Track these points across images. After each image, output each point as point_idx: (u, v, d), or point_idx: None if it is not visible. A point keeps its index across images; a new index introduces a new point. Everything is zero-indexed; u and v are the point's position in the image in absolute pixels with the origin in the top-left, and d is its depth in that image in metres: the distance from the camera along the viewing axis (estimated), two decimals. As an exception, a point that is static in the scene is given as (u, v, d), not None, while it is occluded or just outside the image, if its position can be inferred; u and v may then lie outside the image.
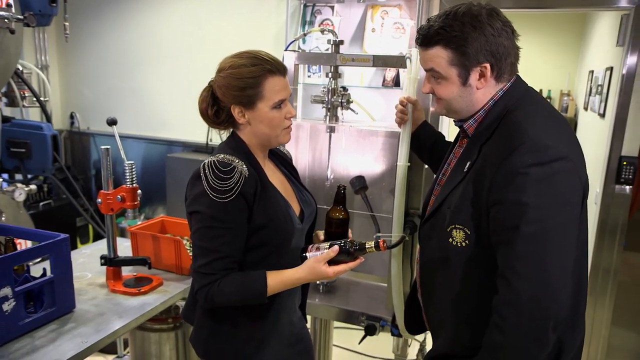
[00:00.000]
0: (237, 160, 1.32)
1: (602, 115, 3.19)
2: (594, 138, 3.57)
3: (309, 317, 2.32)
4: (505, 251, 1.14)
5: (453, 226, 1.26)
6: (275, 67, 1.35)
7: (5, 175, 2.90)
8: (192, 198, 1.31)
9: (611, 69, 3.08)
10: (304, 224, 1.50)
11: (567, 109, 4.57)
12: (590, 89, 3.78)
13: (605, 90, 3.17)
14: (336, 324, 2.39)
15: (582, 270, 1.29)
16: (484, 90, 1.27)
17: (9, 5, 2.24)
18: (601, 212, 2.91)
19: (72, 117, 4.07)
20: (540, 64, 4.84)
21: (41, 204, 3.36)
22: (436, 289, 1.38)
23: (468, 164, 1.27)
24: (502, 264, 1.15)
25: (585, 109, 3.99)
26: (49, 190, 3.51)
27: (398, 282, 1.88)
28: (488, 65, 1.23)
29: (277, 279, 1.33)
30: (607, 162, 2.82)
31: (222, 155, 1.32)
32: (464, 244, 1.25)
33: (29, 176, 3.09)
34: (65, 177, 3.22)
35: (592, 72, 3.82)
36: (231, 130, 1.44)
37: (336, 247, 1.32)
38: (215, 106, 1.39)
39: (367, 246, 1.32)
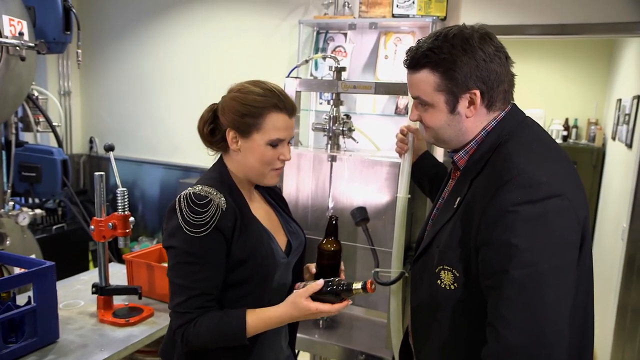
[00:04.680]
0: (215, 193, 1.26)
1: (630, 146, 3.03)
2: (621, 169, 3.39)
3: (307, 355, 2.21)
4: (495, 297, 1.04)
5: (441, 267, 1.17)
6: (284, 105, 1.30)
7: (18, 199, 2.93)
8: (167, 232, 1.26)
9: (638, 97, 2.93)
10: (291, 257, 1.43)
11: (595, 138, 4.38)
12: (618, 118, 3.61)
13: (632, 120, 3.01)
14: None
15: (587, 318, 1.17)
16: (474, 119, 1.18)
17: (20, 34, 2.28)
18: (628, 248, 2.74)
19: (91, 141, 4.14)
20: (566, 92, 4.68)
21: (54, 227, 3.38)
22: (426, 335, 1.27)
23: (458, 199, 1.18)
24: (491, 311, 1.04)
25: (614, 138, 3.82)
26: (63, 213, 3.54)
27: (397, 320, 1.77)
28: (478, 92, 1.15)
29: (258, 318, 1.24)
30: (634, 194, 2.67)
31: (200, 187, 1.27)
32: (452, 287, 1.15)
33: (43, 199, 3.13)
34: (80, 201, 3.23)
35: (619, 100, 3.66)
36: (219, 155, 1.39)
37: (321, 281, 1.24)
38: (213, 124, 1.35)
39: (353, 287, 1.21)
